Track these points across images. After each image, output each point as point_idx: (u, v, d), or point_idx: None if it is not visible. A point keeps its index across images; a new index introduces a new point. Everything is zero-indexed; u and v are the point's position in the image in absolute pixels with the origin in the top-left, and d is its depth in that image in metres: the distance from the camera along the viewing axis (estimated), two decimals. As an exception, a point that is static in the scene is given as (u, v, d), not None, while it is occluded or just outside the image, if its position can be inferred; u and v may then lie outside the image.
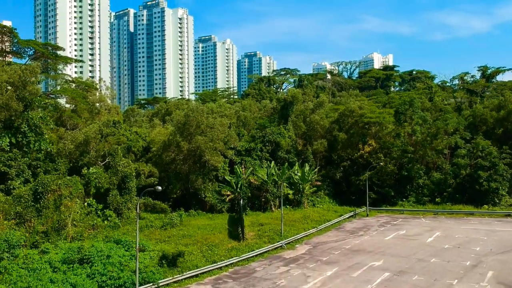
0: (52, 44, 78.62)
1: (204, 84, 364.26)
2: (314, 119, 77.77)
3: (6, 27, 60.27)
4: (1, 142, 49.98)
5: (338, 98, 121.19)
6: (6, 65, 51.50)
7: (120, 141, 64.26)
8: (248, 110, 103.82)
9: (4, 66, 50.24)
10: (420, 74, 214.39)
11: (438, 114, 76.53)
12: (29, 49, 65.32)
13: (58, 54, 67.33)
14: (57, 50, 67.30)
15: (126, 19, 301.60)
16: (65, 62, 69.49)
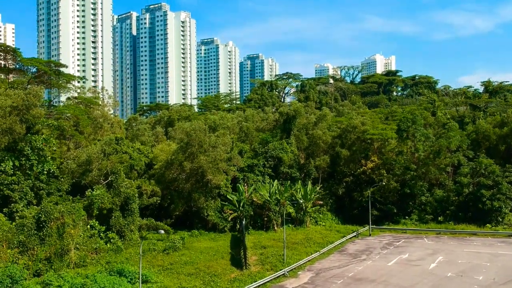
0: (55, 61, 78.72)
1: (207, 86, 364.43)
2: (317, 134, 77.68)
3: (9, 47, 60.43)
4: (4, 166, 50.14)
5: (340, 107, 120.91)
6: (9, 89, 51.56)
7: (122, 160, 64.38)
8: (250, 120, 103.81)
9: (8, 90, 50.33)
10: (423, 79, 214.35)
11: (441, 130, 76.40)
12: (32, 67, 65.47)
13: (61, 71, 67.46)
14: (60, 67, 67.42)
15: (128, 23, 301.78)
16: (68, 79, 69.60)
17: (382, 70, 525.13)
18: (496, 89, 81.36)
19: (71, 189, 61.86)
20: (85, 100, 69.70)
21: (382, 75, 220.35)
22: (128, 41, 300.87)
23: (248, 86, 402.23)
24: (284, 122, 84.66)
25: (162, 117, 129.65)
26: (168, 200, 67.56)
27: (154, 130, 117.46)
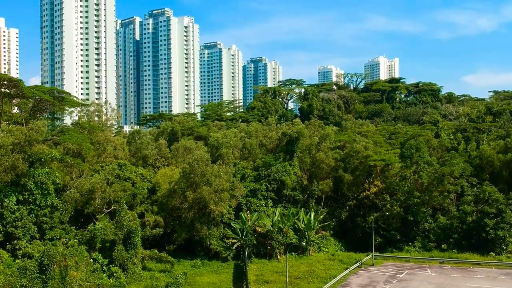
0: (58, 89, 79.02)
1: (210, 90, 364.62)
2: (320, 158, 77.57)
3: (12, 79, 60.53)
4: (8, 202, 50.26)
5: (344, 121, 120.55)
6: (12, 123, 51.66)
7: (125, 188, 64.44)
8: (254, 136, 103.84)
9: (11, 125, 50.42)
10: (426, 86, 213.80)
11: (444, 153, 76.14)
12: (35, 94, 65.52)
13: (64, 97, 67.55)
14: (62, 94, 67.54)
15: (132, 27, 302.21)
16: (71, 105, 69.69)
17: (386, 72, 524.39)
18: (500, 111, 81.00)
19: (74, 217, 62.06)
20: (88, 126, 69.75)
21: (386, 82, 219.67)
22: (131, 46, 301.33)
23: (251, 89, 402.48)
24: (287, 144, 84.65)
25: (165, 128, 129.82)
26: (171, 226, 67.61)
27: (157, 142, 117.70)
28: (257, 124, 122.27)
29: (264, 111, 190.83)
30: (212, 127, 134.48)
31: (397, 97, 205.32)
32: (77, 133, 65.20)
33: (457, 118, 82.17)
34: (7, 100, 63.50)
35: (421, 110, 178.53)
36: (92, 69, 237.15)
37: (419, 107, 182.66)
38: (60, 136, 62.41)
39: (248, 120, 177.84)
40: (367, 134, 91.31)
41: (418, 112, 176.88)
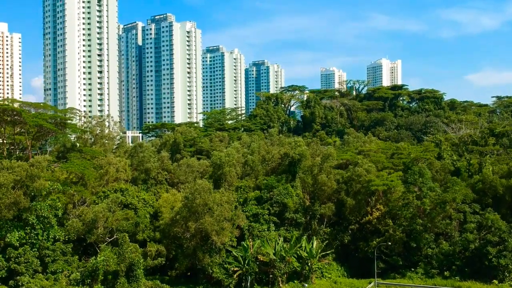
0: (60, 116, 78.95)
1: (212, 94, 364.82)
2: (322, 180, 77.49)
3: (16, 111, 60.65)
4: (10, 237, 50.40)
5: (346, 136, 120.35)
6: (15, 159, 51.77)
7: (128, 216, 64.56)
8: (256, 152, 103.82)
9: (13, 161, 50.53)
10: (429, 93, 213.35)
11: (447, 176, 75.99)
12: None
13: (66, 123, 67.68)
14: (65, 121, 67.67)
15: (134, 33, 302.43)
16: (73, 131, 69.86)
17: (388, 74, 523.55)
18: (503, 132, 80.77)
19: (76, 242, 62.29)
20: (91, 152, 69.84)
21: (388, 89, 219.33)
22: (133, 51, 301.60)
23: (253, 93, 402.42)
24: (289, 164, 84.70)
25: (168, 140, 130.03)
26: (173, 252, 67.69)
27: (159, 154, 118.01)
28: (259, 139, 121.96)
29: (266, 119, 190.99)
30: (214, 138, 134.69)
31: (400, 104, 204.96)
32: (79, 160, 65.24)
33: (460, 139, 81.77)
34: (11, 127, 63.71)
35: (423, 119, 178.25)
36: (95, 75, 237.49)
37: (422, 115, 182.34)
38: (63, 164, 62.47)
39: (251, 129, 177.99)
40: (369, 153, 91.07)
41: (421, 120, 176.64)
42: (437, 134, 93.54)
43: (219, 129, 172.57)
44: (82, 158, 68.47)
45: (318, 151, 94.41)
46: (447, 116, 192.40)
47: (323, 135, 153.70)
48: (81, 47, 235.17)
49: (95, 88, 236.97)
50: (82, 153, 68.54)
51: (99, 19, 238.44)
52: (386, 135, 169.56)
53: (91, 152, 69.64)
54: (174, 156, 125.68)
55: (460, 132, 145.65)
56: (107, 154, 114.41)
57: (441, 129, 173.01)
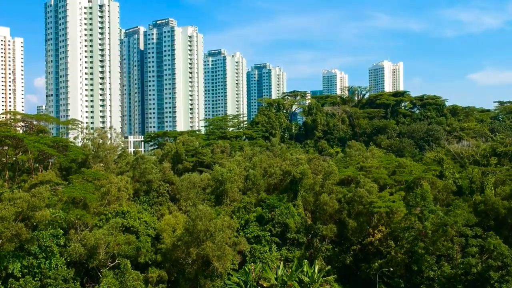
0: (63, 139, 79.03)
1: (214, 97, 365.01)
2: (324, 200, 77.47)
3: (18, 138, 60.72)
4: (12, 268, 50.45)
5: (348, 149, 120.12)
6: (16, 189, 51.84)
7: (129, 241, 64.60)
8: (258, 166, 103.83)
9: (15, 191, 50.60)
10: (431, 99, 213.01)
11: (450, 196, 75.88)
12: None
13: (68, 146, 67.76)
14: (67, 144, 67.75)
15: (136, 37, 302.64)
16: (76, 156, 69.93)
17: (390, 76, 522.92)
18: (505, 151, 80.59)
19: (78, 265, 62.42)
20: (93, 174, 69.93)
21: (390, 95, 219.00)
22: (135, 55, 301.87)
23: (255, 96, 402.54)
24: (291, 182, 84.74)
25: (169, 150, 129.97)
26: (175, 275, 67.76)
27: (161, 165, 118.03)
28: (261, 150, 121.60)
29: (268, 126, 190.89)
30: (216, 148, 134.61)
31: (402, 111, 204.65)
32: (81, 183, 65.33)
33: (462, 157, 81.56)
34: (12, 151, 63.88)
35: (425, 127, 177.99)
36: (97, 81, 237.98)
37: (424, 123, 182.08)
38: (65, 189, 62.55)
39: (252, 137, 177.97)
40: (371, 170, 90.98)
41: (423, 128, 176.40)
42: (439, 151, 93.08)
43: (221, 137, 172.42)
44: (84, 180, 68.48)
45: (320, 167, 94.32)
46: (449, 123, 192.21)
47: (325, 145, 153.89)
48: (83, 53, 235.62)
49: (97, 94, 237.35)
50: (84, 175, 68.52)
51: (101, 24, 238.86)
52: (388, 144, 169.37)
53: (93, 175, 69.69)
54: (176, 167, 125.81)
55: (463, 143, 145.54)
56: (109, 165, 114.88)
57: (442, 137, 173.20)
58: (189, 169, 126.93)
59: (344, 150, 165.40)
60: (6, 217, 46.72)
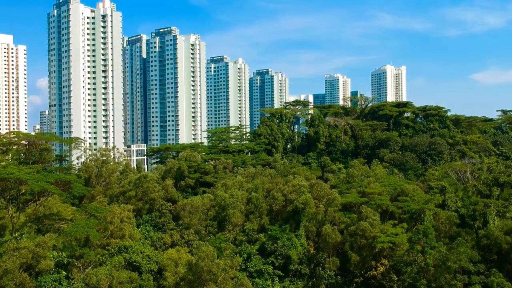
0: (65, 175, 79.21)
1: (217, 103, 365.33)
2: (326, 232, 77.61)
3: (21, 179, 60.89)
4: (14, 316, 50.64)
5: (351, 169, 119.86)
6: (21, 238, 52.06)
7: (132, 279, 64.81)
8: (260, 188, 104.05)
9: (20, 241, 50.80)
10: (433, 110, 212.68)
11: (453, 228, 75.83)
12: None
13: (71, 183, 67.99)
14: (70, 180, 67.94)
15: (138, 45, 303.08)
16: (77, 192, 70.21)
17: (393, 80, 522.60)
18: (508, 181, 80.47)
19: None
20: (95, 209, 70.17)
21: (392, 106, 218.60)
22: (138, 64, 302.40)
23: (258, 101, 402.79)
24: (293, 212, 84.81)
25: (172, 167, 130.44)
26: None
27: (164, 182, 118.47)
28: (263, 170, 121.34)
29: (271, 138, 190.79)
30: (219, 165, 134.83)
31: (404, 122, 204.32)
32: (84, 221, 65.55)
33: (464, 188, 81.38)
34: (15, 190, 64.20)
35: (428, 140, 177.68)
36: (99, 92, 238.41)
37: (427, 136, 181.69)
38: (67, 228, 62.78)
39: (255, 150, 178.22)
40: (373, 196, 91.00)
41: (425, 142, 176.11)
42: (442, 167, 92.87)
43: (224, 151, 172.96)
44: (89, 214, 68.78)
45: (322, 192, 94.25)
46: (452, 135, 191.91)
47: (327, 161, 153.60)
48: (86, 63, 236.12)
49: (99, 105, 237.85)
50: (87, 209, 68.87)
51: (104, 35, 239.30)
52: (391, 157, 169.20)
53: (96, 209, 69.91)
54: (179, 183, 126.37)
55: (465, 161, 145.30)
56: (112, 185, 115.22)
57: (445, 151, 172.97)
58: (192, 186, 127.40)
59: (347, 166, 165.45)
60: (11, 270, 46.95)
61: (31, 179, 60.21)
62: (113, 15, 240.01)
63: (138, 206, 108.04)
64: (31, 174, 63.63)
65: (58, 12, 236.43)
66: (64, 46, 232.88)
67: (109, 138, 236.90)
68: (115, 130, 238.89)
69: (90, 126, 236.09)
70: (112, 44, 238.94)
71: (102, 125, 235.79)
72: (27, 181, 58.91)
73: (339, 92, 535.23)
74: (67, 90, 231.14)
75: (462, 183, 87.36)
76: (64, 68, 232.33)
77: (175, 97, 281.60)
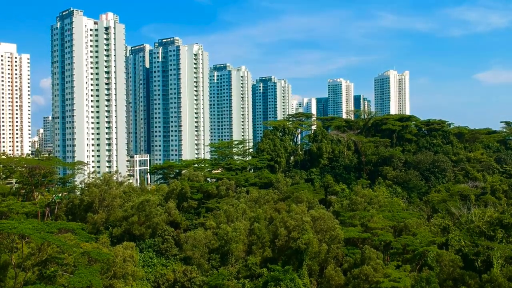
0: (68, 223, 79.15)
1: (220, 111, 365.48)
2: (329, 273, 77.60)
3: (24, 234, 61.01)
4: None
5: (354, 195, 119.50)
6: None
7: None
8: (262, 218, 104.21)
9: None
10: (437, 125, 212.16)
11: (457, 270, 75.68)
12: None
13: (76, 229, 68.07)
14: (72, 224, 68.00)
15: (141, 55, 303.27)
16: (82, 238, 70.32)
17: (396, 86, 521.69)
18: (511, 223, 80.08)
19: None
20: (98, 255, 70.04)
21: (396, 120, 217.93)
22: (141, 73, 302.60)
23: (261, 108, 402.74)
24: (296, 252, 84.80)
25: (175, 188, 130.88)
26: None
27: (167, 204, 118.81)
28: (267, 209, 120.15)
29: (274, 154, 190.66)
30: (222, 186, 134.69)
31: (408, 137, 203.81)
32: (86, 268, 65.53)
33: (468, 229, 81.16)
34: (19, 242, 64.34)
35: (431, 157, 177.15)
36: (103, 104, 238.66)
37: (430, 153, 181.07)
38: (71, 278, 62.85)
39: (257, 167, 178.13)
40: (376, 232, 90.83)
41: (429, 159, 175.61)
42: (445, 220, 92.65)
43: (227, 169, 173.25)
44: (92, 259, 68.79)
45: (326, 227, 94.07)
46: (455, 152, 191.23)
47: (331, 181, 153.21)
48: (89, 75, 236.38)
49: (102, 117, 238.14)
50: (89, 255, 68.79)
51: (107, 47, 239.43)
52: (394, 175, 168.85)
53: (99, 255, 69.80)
54: (181, 204, 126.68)
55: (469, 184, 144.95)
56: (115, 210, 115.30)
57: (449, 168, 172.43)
58: (194, 207, 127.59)
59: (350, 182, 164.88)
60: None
61: (33, 233, 60.32)
62: (116, 27, 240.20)
63: (141, 232, 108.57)
64: (33, 224, 63.72)
65: (62, 25, 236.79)
66: (67, 59, 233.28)
67: (112, 151, 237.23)
68: (118, 143, 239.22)
69: (93, 139, 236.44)
70: (115, 56, 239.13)
71: (105, 137, 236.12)
72: (30, 236, 58.98)
73: (342, 97, 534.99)
74: (70, 103, 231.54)
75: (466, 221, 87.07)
76: (68, 81, 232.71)
77: (178, 108, 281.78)
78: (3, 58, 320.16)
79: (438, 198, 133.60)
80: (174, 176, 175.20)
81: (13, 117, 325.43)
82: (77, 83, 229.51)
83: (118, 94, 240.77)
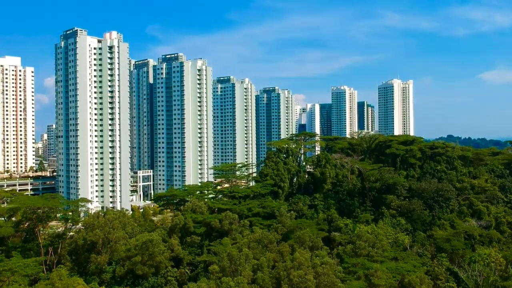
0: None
1: (223, 123, 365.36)
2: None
3: None
4: None
5: (357, 240, 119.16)
6: None
7: None
8: (265, 266, 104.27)
9: None
10: (441, 149, 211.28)
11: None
12: None
13: None
14: None
15: (145, 70, 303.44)
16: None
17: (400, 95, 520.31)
18: None
19: None
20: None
21: (399, 143, 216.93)
22: (145, 89, 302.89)
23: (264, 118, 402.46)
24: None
25: (178, 223, 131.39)
26: None
27: (170, 240, 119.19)
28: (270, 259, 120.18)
29: (277, 179, 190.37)
30: (225, 220, 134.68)
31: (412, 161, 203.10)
32: None
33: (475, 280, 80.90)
34: None
35: (435, 185, 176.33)
36: (106, 123, 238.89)
37: (434, 181, 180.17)
38: None
39: (261, 194, 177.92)
40: (379, 284, 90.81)
41: (432, 188, 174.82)
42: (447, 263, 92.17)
43: (230, 197, 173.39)
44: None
45: (329, 282, 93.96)
46: (459, 179, 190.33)
47: (335, 215, 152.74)
48: (93, 94, 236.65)
49: (106, 136, 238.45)
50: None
51: (111, 66, 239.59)
52: (398, 204, 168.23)
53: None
54: (185, 239, 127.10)
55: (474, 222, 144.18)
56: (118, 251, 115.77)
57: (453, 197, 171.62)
58: (197, 243, 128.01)
59: (356, 215, 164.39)
60: None
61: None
62: (120, 46, 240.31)
63: (144, 271, 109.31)
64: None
65: (66, 44, 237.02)
66: (71, 78, 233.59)
67: (115, 169, 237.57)
68: (122, 162, 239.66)
69: (96, 158, 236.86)
70: (119, 76, 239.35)
71: (108, 157, 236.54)
72: None
73: (346, 104, 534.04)
74: (74, 122, 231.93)
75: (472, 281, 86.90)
76: (71, 100, 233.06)
77: (181, 124, 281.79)
78: (8, 71, 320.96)
79: (443, 236, 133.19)
80: (177, 202, 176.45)
81: (17, 130, 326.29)
82: (80, 103, 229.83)
83: (122, 114, 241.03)
